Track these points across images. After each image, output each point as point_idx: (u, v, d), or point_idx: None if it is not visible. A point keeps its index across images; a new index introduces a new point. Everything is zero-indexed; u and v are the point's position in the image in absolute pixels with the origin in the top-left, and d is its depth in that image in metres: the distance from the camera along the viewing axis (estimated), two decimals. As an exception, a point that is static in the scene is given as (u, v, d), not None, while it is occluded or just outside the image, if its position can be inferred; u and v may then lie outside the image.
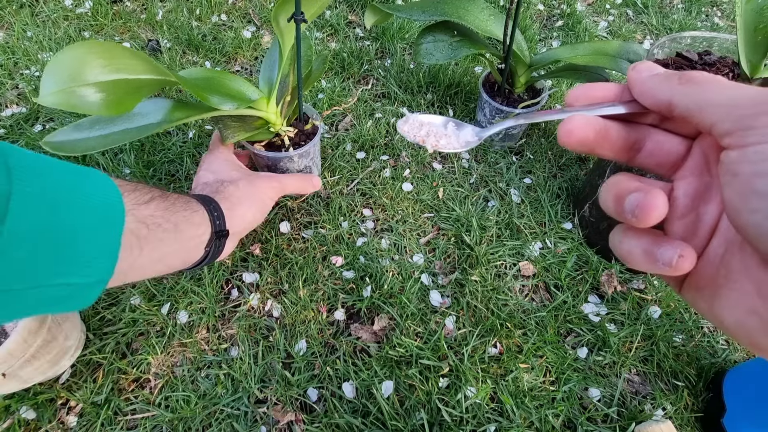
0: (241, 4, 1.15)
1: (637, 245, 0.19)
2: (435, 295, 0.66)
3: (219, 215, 0.45)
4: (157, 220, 0.36)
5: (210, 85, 0.52)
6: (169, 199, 0.39)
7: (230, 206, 0.47)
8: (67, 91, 0.34)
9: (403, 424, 0.54)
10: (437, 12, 0.72)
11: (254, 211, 0.50)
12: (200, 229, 0.42)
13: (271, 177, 0.54)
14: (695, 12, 1.24)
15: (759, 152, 0.15)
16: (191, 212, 0.41)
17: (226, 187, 0.49)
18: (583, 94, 0.21)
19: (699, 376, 0.61)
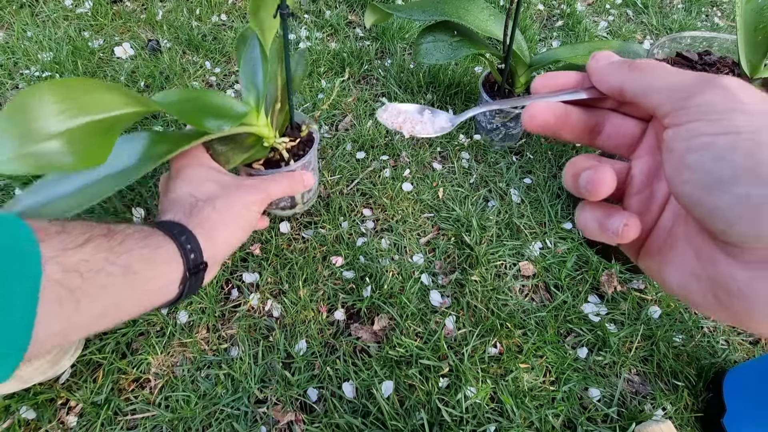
0: (241, 4, 1.15)
1: (592, 217, 0.21)
2: (435, 295, 0.66)
3: (194, 247, 0.37)
4: (97, 264, 0.30)
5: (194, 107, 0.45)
6: (116, 236, 0.32)
7: (208, 233, 0.39)
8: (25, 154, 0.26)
9: (403, 424, 0.54)
10: (437, 12, 0.72)
11: (237, 232, 0.42)
12: (168, 266, 0.35)
13: (253, 186, 0.44)
14: (695, 12, 1.24)
15: (690, 129, 0.17)
16: (152, 249, 0.34)
17: (202, 208, 0.40)
18: (547, 81, 0.23)
19: (699, 376, 0.61)
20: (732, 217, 0.16)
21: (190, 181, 0.43)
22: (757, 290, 0.16)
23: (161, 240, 0.35)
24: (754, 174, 0.15)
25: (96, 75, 0.94)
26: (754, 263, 0.16)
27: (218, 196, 0.42)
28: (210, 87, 0.95)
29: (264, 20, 0.42)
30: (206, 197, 0.41)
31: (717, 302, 0.18)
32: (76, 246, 0.29)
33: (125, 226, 0.34)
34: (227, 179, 0.45)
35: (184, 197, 0.41)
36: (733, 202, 0.16)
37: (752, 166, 0.15)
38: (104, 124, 0.30)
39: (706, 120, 0.17)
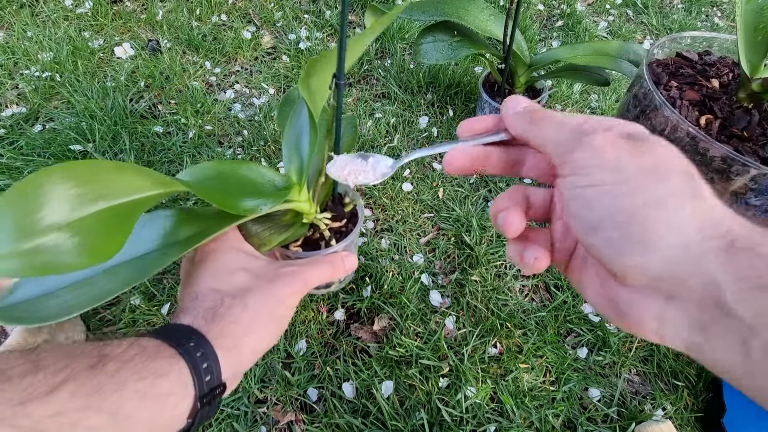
0: (241, 4, 1.15)
1: (515, 249, 0.24)
2: (435, 295, 0.66)
3: (210, 366, 0.29)
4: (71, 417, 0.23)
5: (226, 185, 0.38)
6: (107, 368, 0.25)
7: (233, 344, 0.31)
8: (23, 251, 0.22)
9: (403, 424, 0.54)
10: (437, 12, 0.72)
11: (268, 336, 0.34)
12: (169, 400, 0.27)
13: (290, 276, 0.37)
14: (695, 12, 1.24)
15: (570, 181, 0.21)
16: (154, 379, 0.26)
17: (229, 308, 0.33)
18: (468, 127, 0.26)
19: (699, 376, 0.61)
20: (604, 252, 0.20)
21: (217, 272, 0.36)
22: (636, 306, 0.20)
23: (167, 364, 0.28)
24: (612, 221, 0.19)
25: (96, 75, 0.94)
26: (632, 287, 0.20)
27: (250, 289, 0.34)
28: (210, 87, 0.95)
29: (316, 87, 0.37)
30: (235, 292, 0.34)
31: (616, 315, 0.22)
32: (47, 392, 0.22)
33: (125, 347, 0.27)
34: (261, 267, 0.37)
35: (208, 294, 0.34)
36: (602, 242, 0.20)
37: (610, 214, 0.19)
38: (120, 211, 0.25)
39: (578, 174, 0.20)
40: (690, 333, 0.19)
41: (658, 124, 0.56)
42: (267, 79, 0.97)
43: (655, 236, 0.18)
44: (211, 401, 0.30)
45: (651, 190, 0.19)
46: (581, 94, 0.98)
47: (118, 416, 0.24)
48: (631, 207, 0.19)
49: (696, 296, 0.18)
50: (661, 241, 0.18)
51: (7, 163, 0.76)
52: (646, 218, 0.19)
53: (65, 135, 0.80)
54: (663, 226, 0.18)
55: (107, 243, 0.24)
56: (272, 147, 0.83)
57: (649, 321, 0.20)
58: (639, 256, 0.19)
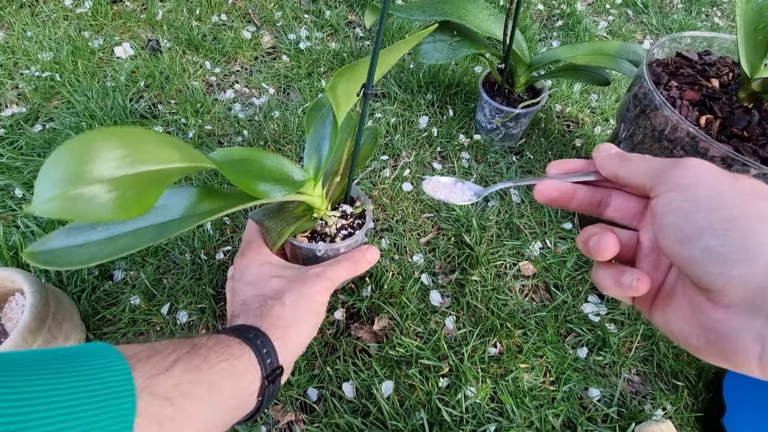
0: (241, 4, 1.15)
1: (608, 274, 0.25)
2: (435, 295, 0.66)
3: (269, 351, 0.36)
4: (185, 388, 0.29)
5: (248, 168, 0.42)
6: (200, 352, 0.31)
7: (281, 334, 0.38)
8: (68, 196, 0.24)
9: (403, 424, 0.54)
10: (437, 12, 0.72)
11: (307, 327, 0.41)
12: (245, 378, 0.33)
13: (318, 277, 0.43)
14: (695, 12, 1.24)
15: (666, 197, 0.22)
16: (232, 361, 0.33)
17: (272, 307, 0.39)
18: (557, 166, 0.29)
19: (699, 376, 0.61)
20: (702, 264, 0.20)
21: (256, 282, 0.42)
22: (733, 329, 0.20)
23: (238, 349, 0.34)
24: (712, 230, 0.20)
25: (96, 75, 0.94)
26: (728, 306, 0.20)
27: (285, 290, 0.41)
28: (210, 87, 0.95)
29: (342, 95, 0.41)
30: (274, 294, 0.41)
31: (709, 344, 0.21)
32: (166, 369, 0.29)
33: (206, 339, 0.33)
34: (291, 273, 0.44)
35: (253, 299, 0.41)
36: (700, 252, 0.20)
37: (710, 224, 0.20)
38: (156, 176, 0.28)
39: (676, 191, 0.22)
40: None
41: (658, 124, 0.56)
42: (267, 79, 0.97)
43: (757, 243, 0.19)
44: (274, 380, 0.36)
45: (751, 205, 0.19)
46: (581, 93, 0.98)
47: (213, 387, 0.30)
48: (731, 218, 0.19)
49: None
50: (761, 247, 0.18)
51: (7, 163, 0.76)
52: (747, 228, 0.19)
53: (65, 135, 0.80)
54: (763, 233, 0.19)
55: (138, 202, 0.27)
56: (272, 147, 0.83)
57: (751, 343, 0.19)
58: (741, 264, 0.19)
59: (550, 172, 0.29)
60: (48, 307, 0.52)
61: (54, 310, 0.53)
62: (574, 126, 0.94)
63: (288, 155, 0.82)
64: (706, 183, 0.21)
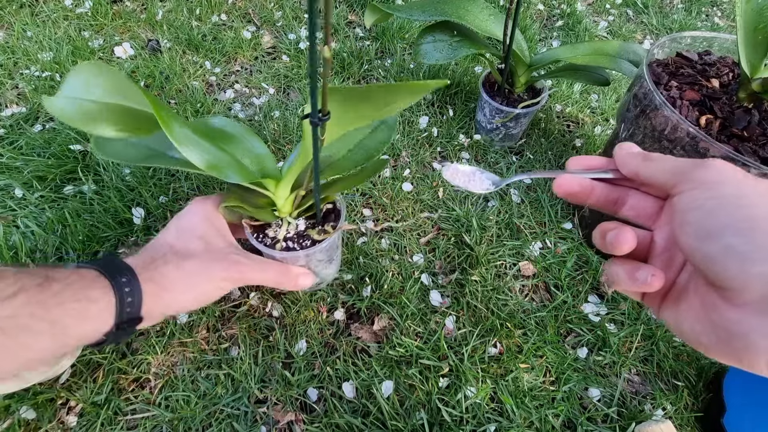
0: (241, 4, 1.15)
1: (622, 270, 0.25)
2: (435, 295, 0.66)
3: (133, 301, 0.36)
4: (23, 320, 0.29)
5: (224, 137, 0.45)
6: (52, 287, 0.31)
7: (157, 290, 0.38)
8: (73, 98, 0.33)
9: (403, 424, 0.54)
10: (437, 12, 0.72)
11: (187, 301, 0.40)
12: (95, 321, 0.34)
13: (233, 266, 0.42)
14: (695, 12, 1.24)
15: (690, 195, 0.22)
16: (86, 303, 0.33)
17: (167, 262, 0.39)
18: (577, 162, 0.29)
19: (699, 376, 0.61)
20: (722, 262, 0.20)
21: (182, 231, 0.42)
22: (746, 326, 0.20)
23: (99, 292, 0.34)
24: (734, 228, 0.20)
25: (96, 75, 0.94)
26: (743, 305, 0.20)
27: (194, 257, 0.40)
28: (210, 87, 0.95)
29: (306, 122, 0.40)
30: (183, 252, 0.40)
31: (719, 342, 0.21)
32: (4, 298, 0.29)
33: (68, 273, 0.33)
34: (218, 244, 0.43)
35: (162, 246, 0.41)
36: (721, 250, 0.20)
37: (733, 222, 0.20)
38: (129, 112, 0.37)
39: (700, 189, 0.22)
40: None
41: (658, 124, 0.56)
42: (267, 78, 0.97)
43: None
44: (127, 328, 0.36)
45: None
46: (581, 93, 0.98)
47: (56, 325, 0.31)
48: (755, 217, 0.20)
49: None
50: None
51: (7, 163, 0.76)
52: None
53: (65, 135, 0.80)
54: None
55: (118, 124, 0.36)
56: (272, 147, 0.83)
57: (762, 341, 0.19)
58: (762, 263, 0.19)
59: (570, 167, 0.29)
60: (48, 307, 0.52)
61: (54, 310, 0.53)
62: (574, 126, 0.94)
63: (286, 155, 0.82)
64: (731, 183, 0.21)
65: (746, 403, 0.53)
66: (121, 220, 0.71)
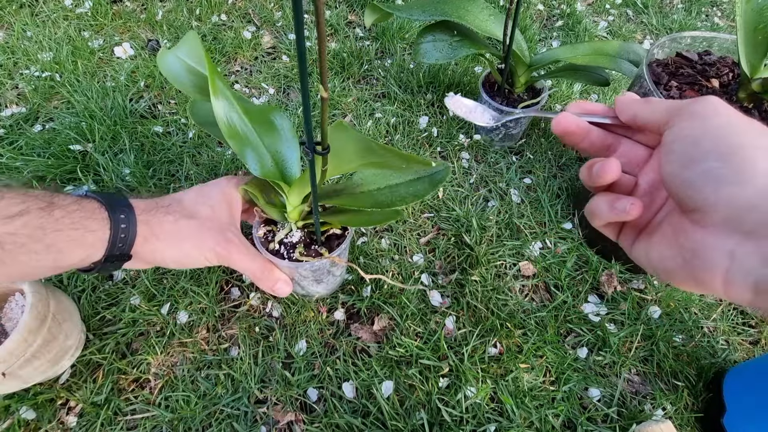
0: (241, 4, 1.15)
1: (604, 200, 0.27)
2: (435, 295, 0.66)
3: (126, 238, 0.37)
4: (21, 239, 0.31)
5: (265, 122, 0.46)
6: (54, 212, 0.33)
7: (148, 235, 0.39)
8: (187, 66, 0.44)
9: (403, 424, 0.54)
10: (437, 12, 0.72)
11: (173, 256, 0.41)
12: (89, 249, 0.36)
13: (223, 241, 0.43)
14: (695, 12, 1.24)
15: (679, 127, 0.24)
16: (84, 232, 0.35)
17: (168, 213, 0.41)
18: (577, 106, 0.30)
19: (699, 376, 0.61)
20: (699, 185, 0.21)
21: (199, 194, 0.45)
22: (708, 245, 0.21)
23: (97, 225, 0.36)
24: (716, 153, 0.21)
25: (96, 75, 0.94)
26: (710, 226, 0.21)
27: (193, 219, 0.42)
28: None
29: None
30: (186, 212, 0.42)
31: (684, 264, 0.23)
32: (6, 217, 0.31)
33: (70, 201, 0.35)
34: (221, 219, 0.44)
35: (173, 198, 0.44)
36: (700, 174, 0.21)
37: (715, 148, 0.21)
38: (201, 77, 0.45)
39: (690, 121, 0.23)
40: (763, 267, 0.20)
41: (658, 124, 0.56)
42: (267, 79, 0.97)
43: (752, 167, 0.20)
44: (115, 262, 0.38)
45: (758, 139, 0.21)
46: (581, 94, 0.98)
47: (51, 249, 0.33)
48: (737, 144, 0.21)
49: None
50: (757, 171, 0.20)
51: (7, 163, 0.76)
52: (749, 155, 0.21)
53: (65, 135, 0.80)
54: (761, 159, 0.20)
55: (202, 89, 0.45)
56: (272, 147, 0.83)
57: (721, 259, 0.21)
58: (735, 185, 0.20)
59: (570, 110, 0.30)
60: (48, 306, 0.52)
61: (54, 309, 0.53)
62: (574, 126, 0.94)
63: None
64: (721, 115, 0.22)
65: (746, 403, 0.53)
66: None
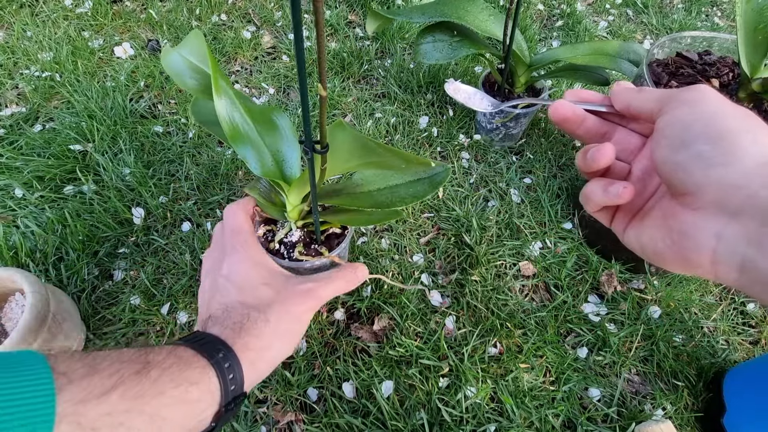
0: (241, 4, 1.15)
1: (598, 185, 0.27)
2: (435, 295, 0.66)
3: (236, 377, 0.32)
4: (120, 417, 0.26)
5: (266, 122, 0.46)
6: (151, 374, 0.28)
7: (256, 357, 0.34)
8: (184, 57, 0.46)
9: (403, 424, 0.54)
10: (437, 13, 0.72)
11: (285, 348, 0.38)
12: (199, 406, 0.30)
13: (308, 294, 0.40)
14: (695, 12, 1.24)
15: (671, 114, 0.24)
16: (187, 386, 0.30)
17: (255, 322, 0.36)
18: (573, 93, 0.31)
19: (699, 376, 0.61)
20: (689, 168, 0.22)
21: (243, 288, 0.39)
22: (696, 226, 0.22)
23: (198, 374, 0.31)
24: (706, 136, 0.22)
25: (96, 75, 0.94)
26: (699, 208, 0.22)
27: (272, 303, 0.38)
28: (210, 87, 0.95)
29: None
30: (260, 306, 0.37)
31: (673, 245, 0.23)
32: (101, 394, 0.25)
33: (164, 356, 0.30)
34: (281, 282, 0.41)
35: (236, 307, 0.37)
36: (690, 157, 0.22)
37: (705, 132, 0.22)
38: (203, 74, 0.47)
39: (681, 107, 0.24)
40: (748, 248, 0.20)
41: (658, 124, 0.56)
42: (267, 78, 0.97)
43: (740, 149, 0.21)
44: (234, 408, 0.33)
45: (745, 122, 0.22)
46: (581, 94, 0.98)
47: (155, 418, 0.28)
48: (726, 128, 0.22)
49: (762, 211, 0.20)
50: (744, 153, 0.21)
51: (7, 163, 0.76)
52: (736, 138, 0.21)
53: (65, 135, 0.80)
54: (749, 142, 0.21)
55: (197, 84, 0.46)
56: (272, 147, 0.83)
57: (708, 240, 0.22)
58: (722, 166, 0.21)
59: (566, 98, 0.31)
60: (48, 307, 0.52)
61: (54, 309, 0.53)
62: (574, 126, 0.94)
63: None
64: (712, 102, 0.23)
65: (746, 403, 0.53)
66: (121, 220, 0.71)
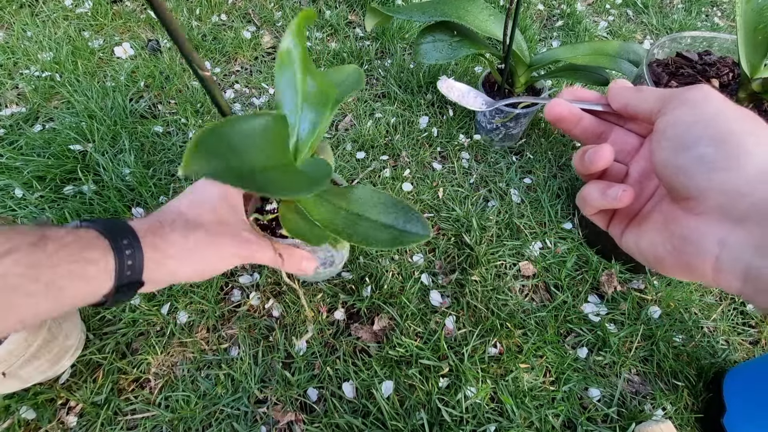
0: (241, 4, 1.15)
1: (596, 188, 0.27)
2: (435, 295, 0.66)
3: (134, 265, 0.35)
4: (13, 281, 0.28)
5: None
6: (47, 247, 0.30)
7: (160, 257, 0.36)
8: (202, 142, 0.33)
9: (403, 424, 0.54)
10: (437, 12, 0.72)
11: (194, 270, 0.39)
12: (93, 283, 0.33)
13: (242, 242, 0.41)
14: (695, 12, 1.24)
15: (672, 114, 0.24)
16: (84, 264, 0.32)
17: (174, 229, 0.38)
18: (570, 92, 0.30)
19: (699, 376, 0.61)
20: (691, 172, 0.22)
21: (196, 200, 0.41)
22: (699, 232, 0.22)
23: (99, 254, 0.33)
24: (708, 138, 0.21)
25: (96, 75, 0.94)
26: (701, 213, 0.22)
27: (202, 227, 0.39)
28: (210, 87, 0.95)
29: None
30: (192, 224, 0.39)
31: (674, 251, 0.23)
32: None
33: (65, 233, 0.32)
34: (229, 220, 0.41)
35: (172, 212, 0.39)
36: (692, 160, 0.22)
37: (707, 134, 0.22)
38: None
39: (682, 108, 0.23)
40: (753, 256, 0.19)
41: (658, 124, 0.56)
42: (267, 79, 0.97)
43: (744, 153, 0.21)
44: (127, 291, 0.35)
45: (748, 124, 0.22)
46: (581, 94, 0.98)
47: (51, 287, 0.30)
48: (728, 130, 0.21)
49: None
50: (748, 156, 0.20)
51: (7, 163, 0.76)
52: (740, 140, 0.21)
53: (65, 135, 0.80)
54: (752, 145, 0.21)
55: None
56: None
57: (711, 246, 0.21)
58: (725, 171, 0.21)
59: (563, 96, 0.30)
60: (48, 307, 0.52)
61: (54, 310, 0.53)
62: (574, 126, 0.94)
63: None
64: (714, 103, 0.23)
65: (746, 403, 0.53)
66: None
